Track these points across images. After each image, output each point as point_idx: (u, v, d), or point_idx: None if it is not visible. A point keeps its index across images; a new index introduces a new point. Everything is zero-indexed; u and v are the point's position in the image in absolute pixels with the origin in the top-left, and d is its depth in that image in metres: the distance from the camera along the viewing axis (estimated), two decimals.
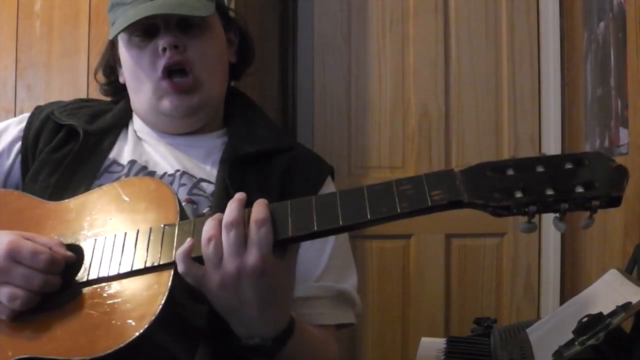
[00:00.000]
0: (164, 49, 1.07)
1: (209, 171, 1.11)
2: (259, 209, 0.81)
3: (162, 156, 1.13)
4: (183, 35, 1.09)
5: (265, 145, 1.13)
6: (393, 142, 2.62)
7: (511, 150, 2.57)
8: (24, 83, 2.13)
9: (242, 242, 0.80)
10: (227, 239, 0.80)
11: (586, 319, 0.84)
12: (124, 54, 1.13)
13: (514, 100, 2.58)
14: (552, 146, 2.53)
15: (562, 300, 2.43)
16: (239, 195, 0.84)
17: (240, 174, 1.07)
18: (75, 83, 2.09)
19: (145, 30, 1.10)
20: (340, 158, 2.63)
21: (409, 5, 2.64)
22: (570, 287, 2.39)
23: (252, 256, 0.79)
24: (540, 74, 2.58)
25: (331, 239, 1.10)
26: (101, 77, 1.23)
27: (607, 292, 0.99)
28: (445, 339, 1.22)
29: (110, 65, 1.21)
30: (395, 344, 2.57)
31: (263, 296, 0.82)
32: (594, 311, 0.85)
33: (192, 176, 1.10)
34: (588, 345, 0.83)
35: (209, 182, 1.09)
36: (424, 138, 2.61)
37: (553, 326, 1.05)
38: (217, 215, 0.83)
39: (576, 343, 0.84)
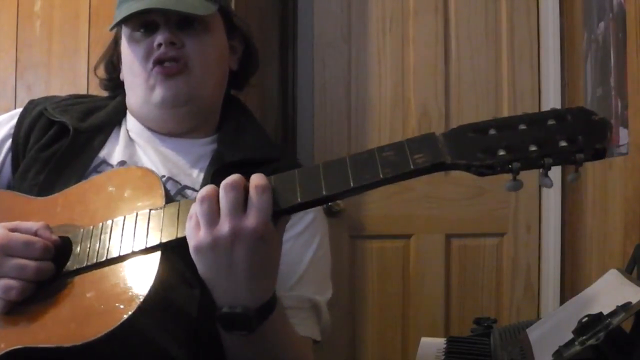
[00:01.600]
0: (159, 45, 1.08)
1: (194, 178, 1.11)
2: (260, 177, 0.81)
3: (151, 160, 1.12)
4: (182, 34, 1.10)
5: (250, 154, 1.12)
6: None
7: None
8: (24, 83, 2.13)
9: (242, 203, 0.80)
10: (226, 199, 0.79)
11: (586, 319, 0.84)
12: (124, 48, 1.14)
13: (514, 100, 2.58)
14: None
15: (562, 300, 2.43)
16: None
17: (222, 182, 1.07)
18: (75, 83, 2.09)
19: (146, 27, 1.10)
20: None
21: (409, 5, 2.64)
22: (570, 287, 2.39)
23: (252, 219, 0.79)
24: (540, 74, 2.58)
25: (311, 249, 1.09)
26: (101, 72, 1.23)
27: (607, 292, 0.99)
28: (445, 339, 1.22)
29: (112, 62, 1.21)
30: (395, 344, 2.57)
31: (254, 262, 0.81)
32: (594, 311, 0.85)
33: (178, 182, 1.09)
34: (588, 345, 0.83)
35: (193, 189, 1.09)
36: None
37: (553, 326, 1.05)
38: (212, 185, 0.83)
39: (576, 343, 0.84)
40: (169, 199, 0.90)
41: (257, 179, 0.81)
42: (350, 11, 2.68)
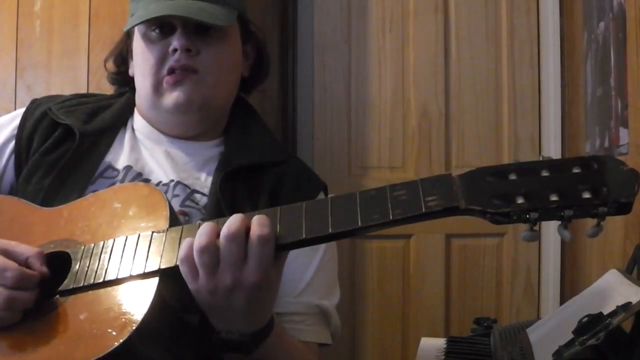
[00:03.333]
0: (175, 50, 1.06)
1: (203, 182, 1.10)
2: (263, 222, 0.79)
3: (158, 163, 1.11)
4: (198, 40, 1.08)
5: (258, 158, 1.11)
6: (393, 142, 2.62)
7: (511, 150, 2.56)
8: (24, 83, 2.13)
9: (243, 255, 0.78)
10: (228, 250, 0.78)
11: (586, 319, 0.84)
12: (138, 46, 1.12)
13: (514, 100, 2.58)
14: (552, 146, 2.53)
15: (562, 300, 2.43)
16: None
17: (232, 186, 1.06)
18: (75, 83, 2.09)
19: (162, 27, 1.08)
20: (340, 158, 2.63)
21: (409, 5, 2.64)
22: (570, 287, 2.39)
23: (252, 271, 0.78)
24: (540, 74, 2.58)
25: (318, 255, 1.08)
26: (111, 66, 1.21)
27: (607, 292, 0.99)
28: (445, 339, 1.22)
29: (122, 56, 1.19)
30: (395, 344, 2.57)
31: (253, 303, 0.81)
32: (594, 311, 0.85)
33: (186, 187, 1.08)
34: (588, 345, 0.83)
35: (202, 193, 1.08)
36: (424, 138, 2.61)
37: (553, 326, 1.05)
38: (211, 223, 0.81)
39: (576, 343, 0.84)
40: (174, 220, 0.89)
41: (259, 228, 0.78)
42: (350, 11, 2.68)
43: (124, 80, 1.20)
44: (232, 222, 0.79)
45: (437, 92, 2.61)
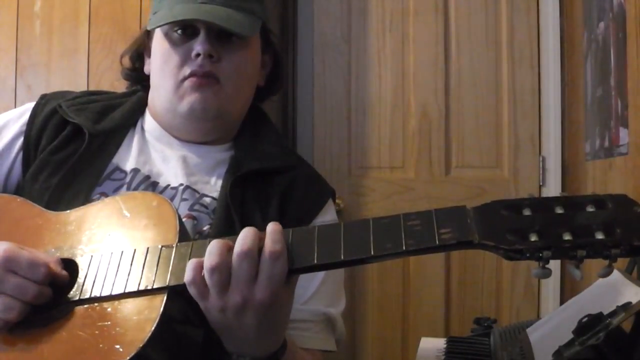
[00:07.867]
0: (197, 55, 1.05)
1: (212, 186, 1.09)
2: (276, 238, 0.78)
3: (167, 166, 1.10)
4: (220, 46, 1.07)
5: (268, 163, 1.10)
6: (393, 142, 2.62)
7: (511, 150, 2.56)
8: (24, 83, 2.14)
9: (254, 273, 0.77)
10: (239, 268, 0.76)
11: (586, 319, 0.84)
12: (158, 45, 1.11)
13: (514, 100, 2.58)
14: (552, 146, 2.53)
15: (562, 300, 2.43)
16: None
17: (241, 190, 1.05)
18: (75, 83, 2.09)
19: (185, 28, 1.07)
20: (340, 158, 2.63)
21: (409, 5, 2.64)
22: (570, 287, 2.39)
23: (262, 290, 0.77)
24: (540, 74, 2.58)
25: None
26: (126, 61, 1.19)
27: (607, 292, 0.99)
28: (445, 339, 1.22)
29: (139, 52, 1.17)
30: (395, 344, 2.57)
31: (264, 324, 0.80)
32: (594, 311, 0.85)
33: (195, 191, 1.07)
34: (588, 345, 0.83)
35: (211, 197, 1.07)
36: (424, 138, 2.61)
37: (553, 326, 1.05)
38: (221, 240, 0.79)
39: (576, 343, 0.84)
40: (183, 233, 0.88)
41: (272, 244, 0.77)
42: (350, 11, 2.68)
43: (138, 77, 1.19)
44: (246, 239, 0.77)
45: (437, 92, 2.61)
